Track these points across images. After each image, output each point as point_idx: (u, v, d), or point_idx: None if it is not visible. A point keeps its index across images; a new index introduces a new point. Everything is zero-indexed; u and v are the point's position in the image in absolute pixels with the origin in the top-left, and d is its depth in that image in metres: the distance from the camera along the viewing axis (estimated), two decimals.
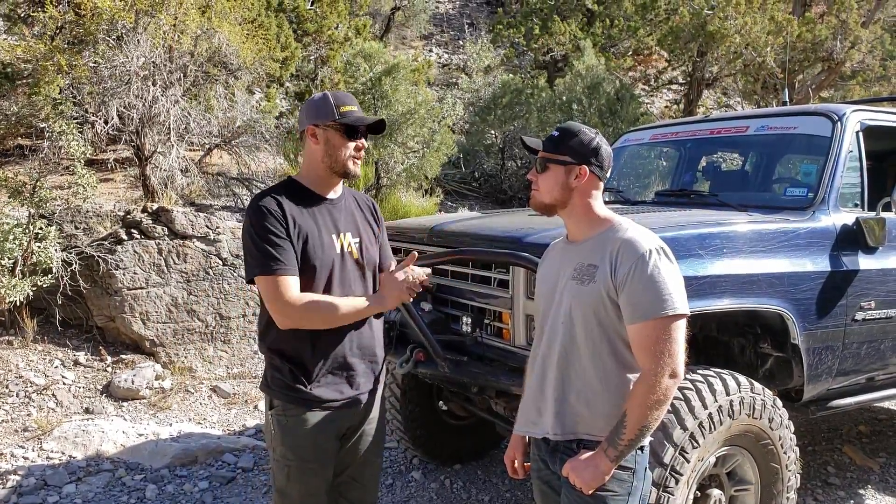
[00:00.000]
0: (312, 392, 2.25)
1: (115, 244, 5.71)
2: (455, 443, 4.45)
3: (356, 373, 2.34)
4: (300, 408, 2.26)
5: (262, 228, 2.18)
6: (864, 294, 3.45)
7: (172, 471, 4.35)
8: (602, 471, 1.98)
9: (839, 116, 3.64)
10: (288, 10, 9.23)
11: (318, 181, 2.34)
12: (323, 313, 2.20)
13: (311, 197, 2.32)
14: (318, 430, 2.27)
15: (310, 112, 2.31)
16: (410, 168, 7.46)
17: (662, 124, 4.83)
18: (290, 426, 2.27)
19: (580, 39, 11.69)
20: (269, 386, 2.32)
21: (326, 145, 2.28)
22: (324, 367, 2.27)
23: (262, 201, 2.23)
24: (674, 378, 1.94)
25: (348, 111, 2.28)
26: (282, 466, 2.30)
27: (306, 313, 2.19)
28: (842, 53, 10.03)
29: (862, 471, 4.60)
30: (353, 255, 2.34)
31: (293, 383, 2.25)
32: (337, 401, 2.29)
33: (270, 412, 2.32)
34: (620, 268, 1.98)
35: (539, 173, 2.13)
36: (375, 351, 2.42)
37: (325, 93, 2.34)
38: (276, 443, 2.31)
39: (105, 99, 5.86)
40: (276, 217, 2.19)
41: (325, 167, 2.31)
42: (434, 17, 16.56)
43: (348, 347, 2.31)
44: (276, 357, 2.29)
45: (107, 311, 5.74)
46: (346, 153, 2.28)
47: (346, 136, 2.27)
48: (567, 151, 2.08)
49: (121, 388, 5.27)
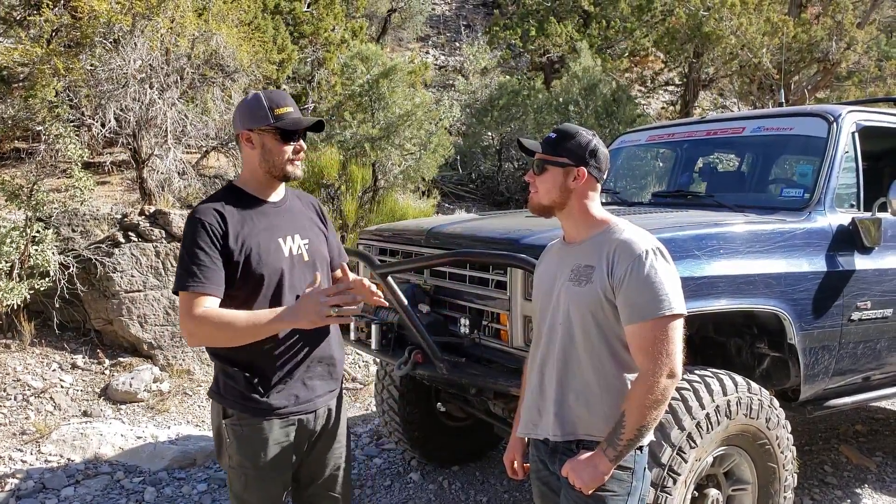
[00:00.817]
0: (268, 401, 2.19)
1: (113, 247, 5.71)
2: (453, 444, 4.46)
3: (312, 377, 2.28)
4: (256, 417, 2.19)
5: (191, 243, 2.11)
6: (861, 294, 3.46)
7: (171, 473, 4.35)
8: (601, 471, 1.99)
9: (835, 117, 3.65)
10: (284, 12, 9.23)
11: (259, 186, 2.27)
12: (227, 332, 2.07)
13: (253, 202, 2.24)
14: (276, 439, 2.22)
15: (243, 115, 2.21)
16: (408, 170, 7.47)
17: (659, 125, 4.84)
18: (246, 436, 2.20)
19: (576, 41, 11.71)
20: (221, 394, 2.24)
21: (263, 150, 2.20)
22: (278, 374, 2.21)
23: (201, 214, 2.14)
24: (672, 378, 1.95)
25: (284, 113, 2.18)
26: (239, 475, 2.24)
27: (211, 331, 2.08)
28: (837, 54, 10.07)
29: (859, 470, 4.61)
30: (303, 258, 2.28)
31: (248, 392, 2.18)
32: (294, 406, 2.24)
33: (224, 421, 2.23)
34: (617, 268, 1.99)
35: (537, 175, 2.13)
36: (332, 355, 2.36)
37: (258, 94, 2.23)
38: (231, 451, 2.24)
39: (102, 102, 5.85)
40: (212, 231, 2.11)
41: (263, 172, 2.23)
42: (430, 18, 16.58)
43: (303, 353, 2.25)
44: (227, 365, 2.20)
45: (104, 314, 5.74)
46: (283, 157, 2.20)
47: (282, 140, 2.19)
48: (565, 153, 2.09)
49: (119, 390, 5.26)
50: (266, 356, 2.19)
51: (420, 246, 3.45)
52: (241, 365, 2.19)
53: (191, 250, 2.10)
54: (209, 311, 2.06)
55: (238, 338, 2.09)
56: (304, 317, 2.04)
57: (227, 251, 2.13)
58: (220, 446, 2.30)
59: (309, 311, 2.03)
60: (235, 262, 2.14)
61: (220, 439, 2.29)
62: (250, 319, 2.07)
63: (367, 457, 4.64)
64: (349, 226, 6.91)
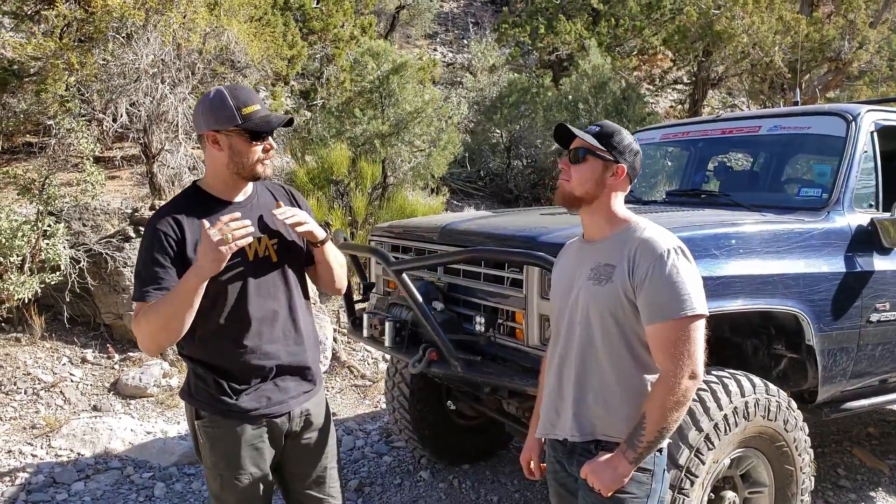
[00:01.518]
0: (239, 404, 2.15)
1: (124, 241, 5.70)
2: (463, 442, 4.43)
3: (285, 378, 2.23)
4: (228, 419, 2.17)
5: (146, 252, 2.05)
6: (879, 295, 3.42)
7: (181, 469, 4.34)
8: (621, 473, 1.96)
9: (854, 116, 3.61)
10: (294, 8, 9.22)
11: (224, 187, 2.17)
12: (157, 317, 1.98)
13: (215, 204, 2.15)
14: (248, 441, 2.18)
15: (207, 115, 2.09)
16: (418, 167, 7.45)
17: (673, 124, 4.80)
18: (218, 437, 2.18)
19: (585, 39, 11.67)
20: (192, 396, 2.21)
21: (231, 152, 2.09)
22: (249, 375, 2.16)
23: (158, 223, 2.07)
24: (693, 379, 1.93)
25: (251, 112, 2.06)
26: (214, 475, 2.22)
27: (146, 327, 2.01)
28: (850, 54, 10.00)
29: (872, 473, 4.57)
30: (271, 259, 2.20)
31: (218, 395, 2.15)
32: (265, 409, 2.19)
33: (197, 423, 2.20)
34: (638, 268, 1.96)
35: (573, 164, 2.07)
36: (306, 353, 2.30)
37: (221, 90, 2.10)
38: (205, 452, 2.22)
39: (114, 97, 5.84)
40: (168, 240, 2.04)
41: (230, 173, 2.13)
42: (438, 16, 16.55)
43: (274, 353, 2.20)
44: (198, 366, 2.17)
45: (114, 309, 5.73)
46: (253, 157, 2.10)
47: (251, 140, 2.08)
48: (608, 147, 2.05)
49: (129, 385, 5.26)
50: (236, 357, 2.16)
51: (434, 243, 3.42)
52: (212, 367, 2.16)
53: (145, 261, 2.05)
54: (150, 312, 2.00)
55: (169, 319, 1.98)
56: (205, 261, 1.91)
57: (184, 260, 2.06)
58: (197, 447, 2.29)
59: (206, 253, 1.91)
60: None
61: (196, 440, 2.28)
62: (169, 293, 1.98)
63: (377, 454, 4.62)
64: (359, 222, 6.89)
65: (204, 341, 2.15)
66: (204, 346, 2.15)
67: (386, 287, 3.80)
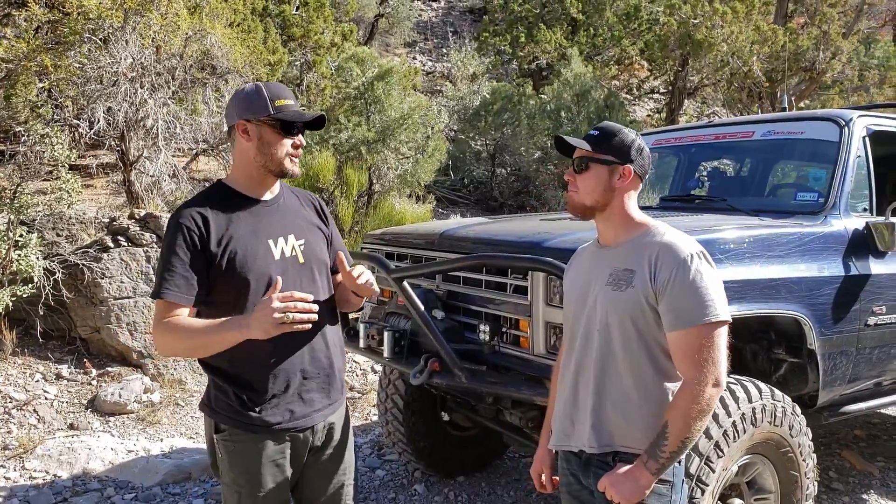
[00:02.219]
0: (262, 416, 2.05)
1: (101, 252, 5.51)
2: (458, 454, 4.34)
3: (310, 390, 2.13)
4: (249, 433, 2.07)
5: (168, 248, 1.99)
6: (877, 299, 3.43)
7: (165, 489, 4.17)
8: (642, 485, 1.90)
9: (846, 121, 3.64)
10: (273, 14, 9.11)
11: (251, 182, 2.12)
12: (184, 342, 1.97)
13: (242, 201, 2.10)
14: (270, 457, 2.09)
15: (240, 105, 2.06)
16: (404, 174, 7.36)
17: (666, 129, 4.80)
18: (238, 452, 2.08)
19: (566, 48, 11.73)
20: (212, 408, 2.11)
21: (260, 142, 2.05)
22: (273, 387, 2.06)
23: (181, 217, 2.02)
24: (717, 387, 1.88)
25: (284, 105, 2.04)
26: (232, 492, 2.11)
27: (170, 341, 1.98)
28: (823, 63, 10.18)
29: (863, 476, 4.60)
30: (298, 260, 2.13)
31: (240, 408, 2.05)
32: (289, 422, 2.10)
33: (216, 436, 2.11)
34: (661, 273, 1.91)
35: (578, 174, 2.03)
36: (333, 363, 2.20)
37: (258, 84, 2.10)
38: (224, 467, 2.12)
39: (89, 102, 5.66)
40: (191, 235, 1.98)
41: (258, 166, 2.08)
42: (417, 24, 16.55)
43: (299, 363, 2.10)
44: (218, 377, 2.08)
45: (91, 322, 5.54)
46: (282, 151, 2.06)
47: (282, 133, 2.05)
48: (610, 150, 2.00)
49: (107, 402, 5.06)
50: (259, 367, 2.06)
51: (432, 250, 3.34)
52: (233, 377, 2.06)
53: (166, 256, 1.99)
54: (172, 320, 1.96)
55: (196, 348, 2.00)
56: (256, 326, 1.86)
57: (209, 255, 2.00)
58: (215, 462, 2.18)
59: (260, 320, 1.85)
60: (218, 267, 2.01)
61: (213, 455, 2.17)
62: (206, 328, 1.95)
63: (370, 469, 4.51)
64: (345, 230, 6.77)
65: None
66: (225, 353, 2.02)
67: (381, 296, 3.70)
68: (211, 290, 2.01)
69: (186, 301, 1.97)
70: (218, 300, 2.02)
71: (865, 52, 13.74)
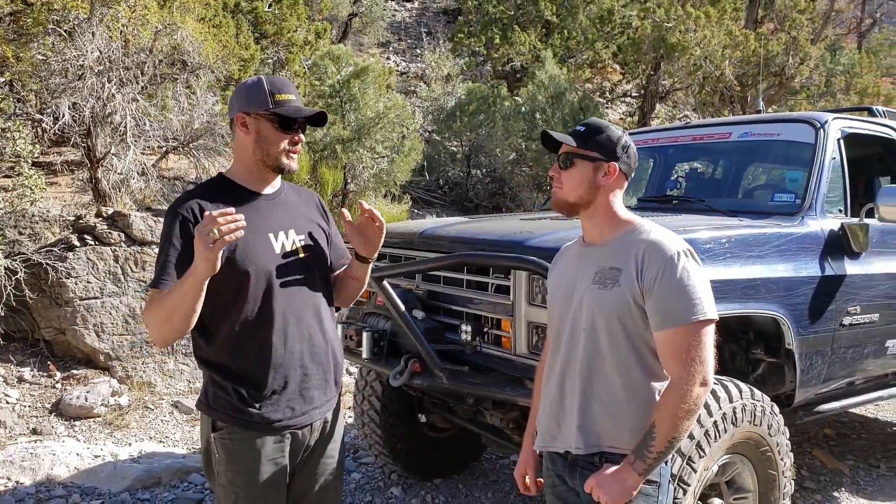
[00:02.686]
0: (262, 413, 2.01)
1: (66, 251, 5.34)
2: (435, 456, 4.29)
3: (309, 386, 2.10)
4: (248, 431, 2.02)
5: (165, 239, 1.97)
6: (851, 299, 3.47)
7: (133, 494, 4.04)
8: (630, 485, 1.87)
9: (822, 123, 3.68)
10: (245, 11, 8.97)
11: (250, 176, 2.09)
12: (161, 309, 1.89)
13: (242, 194, 2.07)
14: (269, 455, 2.04)
15: (241, 98, 2.05)
16: (380, 173, 7.28)
17: (644, 130, 4.82)
18: (237, 451, 2.03)
19: (540, 50, 11.76)
20: (210, 405, 2.06)
21: (258, 136, 2.03)
22: (273, 383, 2.02)
23: (180, 207, 1.99)
24: (704, 386, 1.86)
25: (284, 100, 2.02)
26: (228, 493, 2.05)
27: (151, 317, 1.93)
28: (792, 69, 10.36)
29: (833, 474, 4.66)
30: (298, 254, 2.10)
31: (239, 404, 2.00)
32: (289, 420, 2.06)
33: (213, 434, 2.05)
34: (647, 271, 1.88)
35: (563, 170, 2.00)
36: (331, 359, 2.17)
37: (260, 77, 2.09)
38: (221, 467, 2.06)
39: (53, 96, 5.47)
40: (189, 226, 1.94)
41: (255, 160, 2.06)
42: (391, 25, 16.47)
43: (299, 359, 2.07)
44: (216, 373, 2.03)
45: (56, 323, 5.36)
46: (279, 147, 2.03)
47: (280, 128, 2.02)
48: (595, 147, 1.97)
49: (73, 405, 4.90)
50: (259, 363, 2.02)
51: (412, 249, 3.29)
52: (232, 373, 2.01)
53: (163, 246, 1.97)
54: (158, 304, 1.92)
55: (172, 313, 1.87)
56: (198, 261, 1.78)
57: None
58: (209, 463, 2.10)
59: (197, 253, 1.77)
60: None
61: (208, 455, 2.09)
62: (173, 289, 1.88)
63: (346, 471, 4.43)
64: None
65: (224, 341, 2.01)
66: (224, 347, 2.01)
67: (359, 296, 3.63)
68: (211, 283, 1.94)
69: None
70: (219, 293, 1.97)
71: (832, 59, 14.08)
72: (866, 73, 13.70)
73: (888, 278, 3.68)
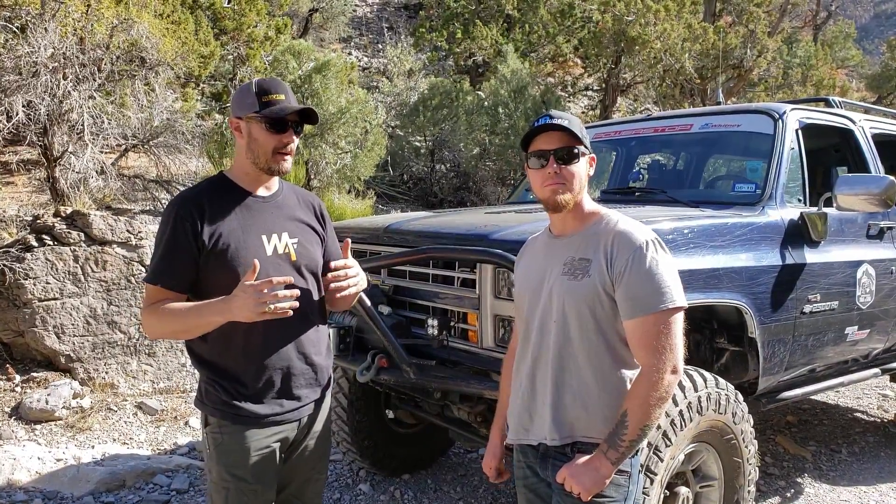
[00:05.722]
0: (250, 408, 2.05)
1: (24, 251, 5.18)
2: (403, 452, 4.28)
3: (299, 383, 2.13)
4: (237, 425, 2.06)
5: (162, 235, 2.04)
6: (811, 287, 3.53)
7: (97, 497, 3.96)
8: (603, 474, 1.89)
9: (780, 114, 3.74)
10: (204, 7, 8.79)
11: (247, 177, 2.13)
12: (168, 324, 2.01)
13: (239, 195, 2.11)
14: (258, 449, 2.07)
15: (234, 102, 2.12)
16: (343, 169, 7.22)
17: (606, 123, 4.85)
18: (226, 445, 2.07)
19: (502, 44, 11.78)
20: (202, 401, 2.12)
21: (249, 139, 2.06)
22: (262, 378, 2.06)
23: (178, 205, 2.05)
24: (675, 374, 1.88)
25: (273, 100, 2.04)
26: (219, 489, 2.09)
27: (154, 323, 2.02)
28: (750, 61, 10.56)
29: (796, 460, 4.76)
30: (290, 257, 2.12)
31: (229, 399, 2.05)
32: (278, 415, 2.09)
33: (205, 430, 2.11)
34: (617, 261, 1.89)
35: (566, 165, 1.93)
36: (321, 357, 2.22)
37: (253, 80, 2.13)
38: (211, 463, 2.10)
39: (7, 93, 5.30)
40: (186, 224, 2.00)
41: (249, 163, 2.09)
42: (352, 20, 16.32)
43: (288, 359, 2.11)
44: (208, 370, 2.09)
45: (14, 325, 5.20)
46: (269, 148, 2.05)
47: (270, 130, 2.04)
48: (581, 139, 1.96)
49: (33, 409, 4.77)
50: (249, 361, 2.06)
51: (377, 244, 3.27)
52: (223, 371, 2.07)
53: (159, 243, 2.05)
54: (160, 306, 2.00)
55: (181, 331, 2.05)
56: (239, 311, 1.88)
57: (201, 245, 2.01)
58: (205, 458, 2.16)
59: (242, 307, 1.87)
60: (210, 257, 2.02)
61: (204, 450, 2.15)
62: (190, 311, 1.97)
63: None
64: None
65: (216, 340, 2.05)
66: (216, 346, 2.07)
67: None
68: (203, 280, 2.04)
69: (177, 288, 2.02)
70: (210, 290, 2.01)
71: (788, 51, 14.39)
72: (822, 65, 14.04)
73: (846, 266, 3.76)
